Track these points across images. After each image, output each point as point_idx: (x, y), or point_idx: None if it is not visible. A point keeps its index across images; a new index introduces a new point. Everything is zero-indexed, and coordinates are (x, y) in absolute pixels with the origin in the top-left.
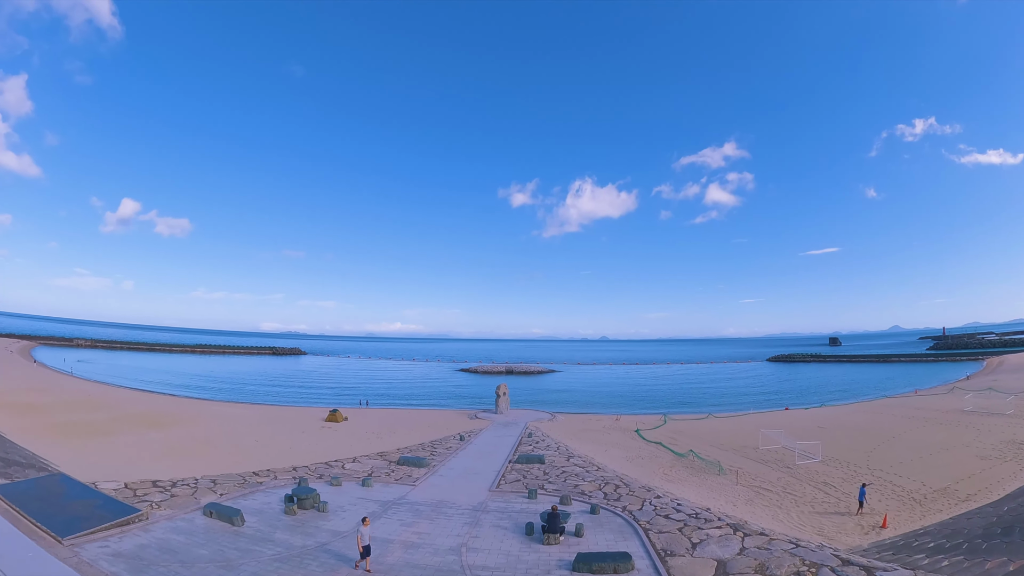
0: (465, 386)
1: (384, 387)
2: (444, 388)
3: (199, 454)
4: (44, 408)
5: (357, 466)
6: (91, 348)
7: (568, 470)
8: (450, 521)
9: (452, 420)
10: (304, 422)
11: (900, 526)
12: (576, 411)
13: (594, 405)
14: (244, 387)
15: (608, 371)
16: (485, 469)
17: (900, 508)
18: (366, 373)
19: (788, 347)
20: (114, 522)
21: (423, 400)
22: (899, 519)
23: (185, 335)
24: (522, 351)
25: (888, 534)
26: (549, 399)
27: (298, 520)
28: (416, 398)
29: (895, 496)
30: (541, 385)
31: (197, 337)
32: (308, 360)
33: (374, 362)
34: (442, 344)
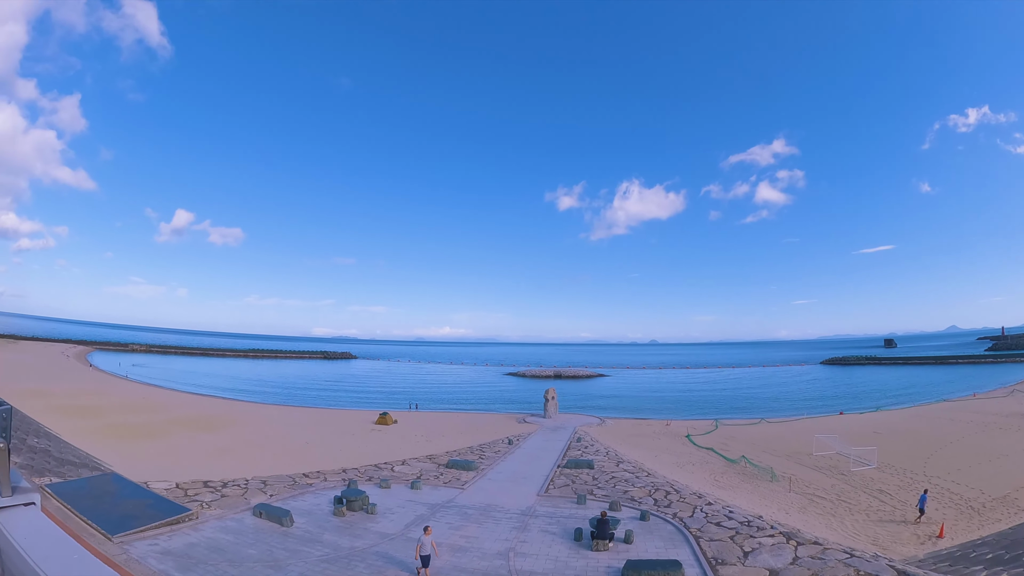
0: (513, 390)
1: (433, 391)
2: (492, 392)
3: (250, 455)
4: (99, 410)
5: (406, 469)
6: (146, 353)
7: (617, 475)
8: (498, 525)
9: (500, 424)
10: (354, 425)
11: (957, 536)
12: (625, 416)
13: (644, 410)
14: (295, 390)
15: (658, 375)
16: (534, 473)
17: (957, 517)
18: (415, 377)
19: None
20: (164, 521)
21: (471, 404)
22: (956, 528)
23: (238, 340)
24: (570, 355)
25: (945, 544)
26: (598, 403)
27: (347, 522)
28: (465, 402)
29: (952, 504)
30: (590, 389)
31: (250, 342)
32: (359, 364)
33: (423, 366)
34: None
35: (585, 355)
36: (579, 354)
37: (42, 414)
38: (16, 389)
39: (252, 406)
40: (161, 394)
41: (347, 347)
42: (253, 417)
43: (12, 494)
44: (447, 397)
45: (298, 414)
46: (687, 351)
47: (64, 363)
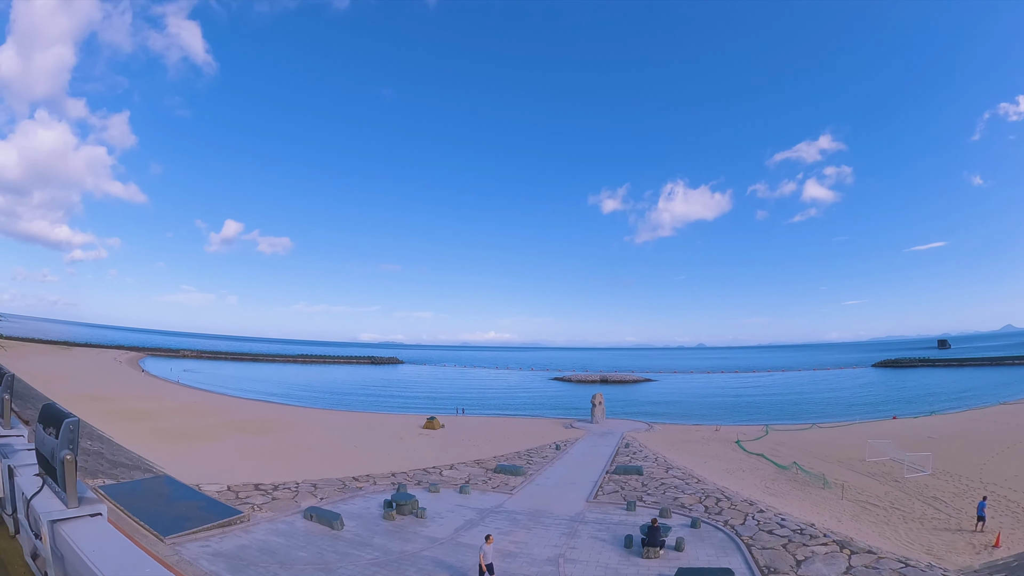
0: (559, 395)
1: (479, 395)
2: (538, 397)
3: (300, 459)
4: (151, 414)
5: (454, 473)
6: (196, 359)
7: (667, 482)
8: (547, 531)
9: (547, 429)
10: (402, 429)
11: (1014, 545)
12: (674, 421)
13: (692, 415)
14: (343, 395)
15: (706, 379)
16: (582, 479)
17: (1015, 526)
18: (461, 381)
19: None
20: (216, 523)
21: (518, 409)
22: (1013, 538)
23: (287, 346)
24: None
25: (1001, 554)
26: (645, 409)
27: (396, 526)
28: (511, 407)
29: (1010, 512)
30: (637, 394)
31: (298, 348)
32: (405, 369)
33: (469, 371)
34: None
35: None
36: (625, 358)
37: (96, 417)
38: (71, 394)
39: (301, 410)
40: (212, 398)
41: (393, 352)
42: (302, 421)
43: (79, 505)
44: (493, 402)
45: (346, 418)
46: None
47: (117, 369)
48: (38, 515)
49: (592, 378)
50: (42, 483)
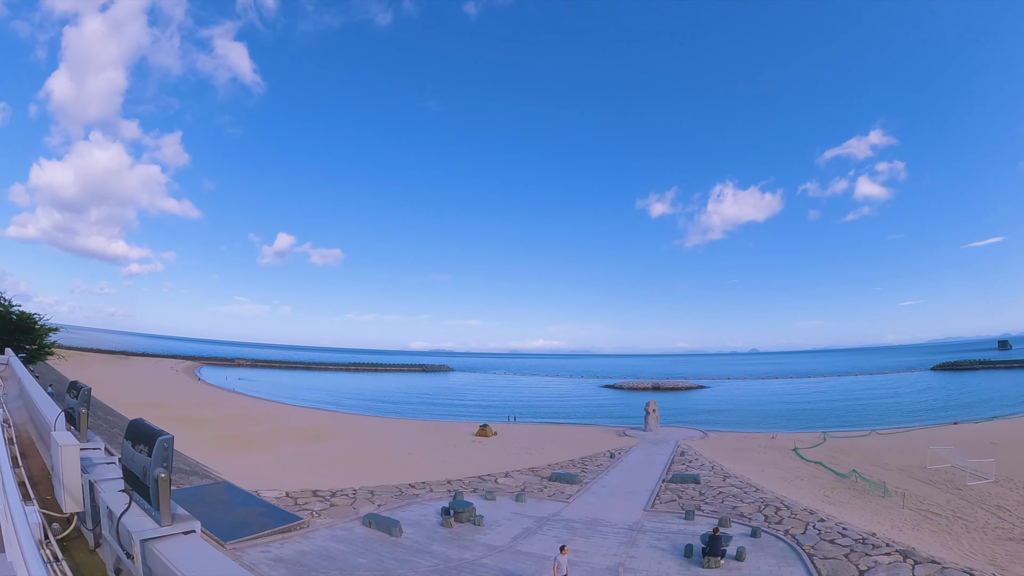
0: (611, 403)
1: (530, 403)
2: (590, 404)
3: (356, 466)
4: (208, 421)
5: (510, 481)
6: (251, 367)
7: (725, 491)
8: (605, 540)
9: (600, 437)
10: (455, 436)
11: None
12: (729, 429)
13: (747, 422)
14: (396, 403)
15: (760, 385)
16: (638, 488)
17: None
18: (512, 389)
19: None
20: (276, 529)
21: (569, 416)
22: None
23: (339, 354)
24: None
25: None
26: (699, 416)
27: (454, 533)
28: (562, 414)
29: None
30: (690, 402)
31: (351, 356)
32: (455, 376)
33: (519, 378)
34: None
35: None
36: (677, 365)
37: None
38: (130, 401)
39: (355, 417)
40: (267, 406)
41: (444, 360)
42: (357, 428)
43: (172, 522)
44: (544, 410)
45: (400, 425)
46: (790, 359)
47: (174, 377)
48: (129, 533)
49: (644, 385)
50: (129, 500)
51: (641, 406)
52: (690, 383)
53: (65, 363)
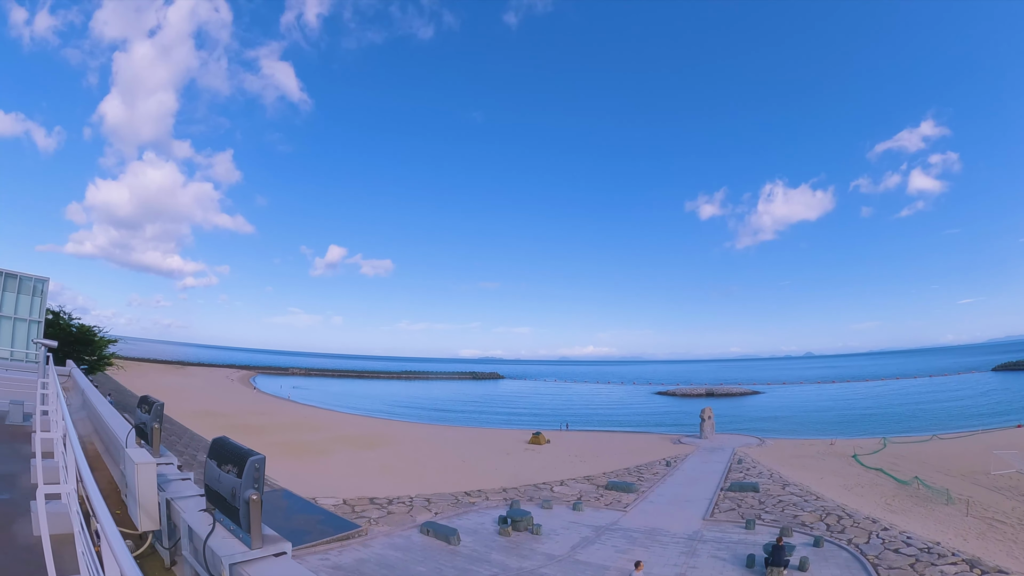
0: (664, 410)
1: (581, 410)
2: (642, 411)
3: (410, 473)
4: (264, 429)
5: (565, 489)
6: (305, 376)
7: (785, 499)
8: (665, 550)
9: (655, 445)
10: (508, 444)
11: None
12: (785, 436)
13: (804, 429)
14: (447, 410)
15: (817, 390)
16: (696, 496)
17: None
18: (563, 396)
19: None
20: (335, 536)
21: (622, 424)
22: None
23: (390, 363)
24: (721, 371)
25: None
26: (754, 423)
27: (512, 542)
28: (615, 422)
29: None
30: (745, 408)
31: (402, 364)
32: (506, 384)
33: (569, 385)
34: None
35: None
36: (730, 370)
37: (211, 432)
38: (187, 410)
39: (408, 425)
40: (321, 414)
41: (493, 367)
42: (410, 436)
43: (263, 544)
44: (597, 417)
45: (452, 433)
46: (846, 363)
47: (229, 386)
48: (218, 556)
49: (697, 392)
50: (213, 520)
51: (695, 413)
52: (744, 389)
53: (124, 373)
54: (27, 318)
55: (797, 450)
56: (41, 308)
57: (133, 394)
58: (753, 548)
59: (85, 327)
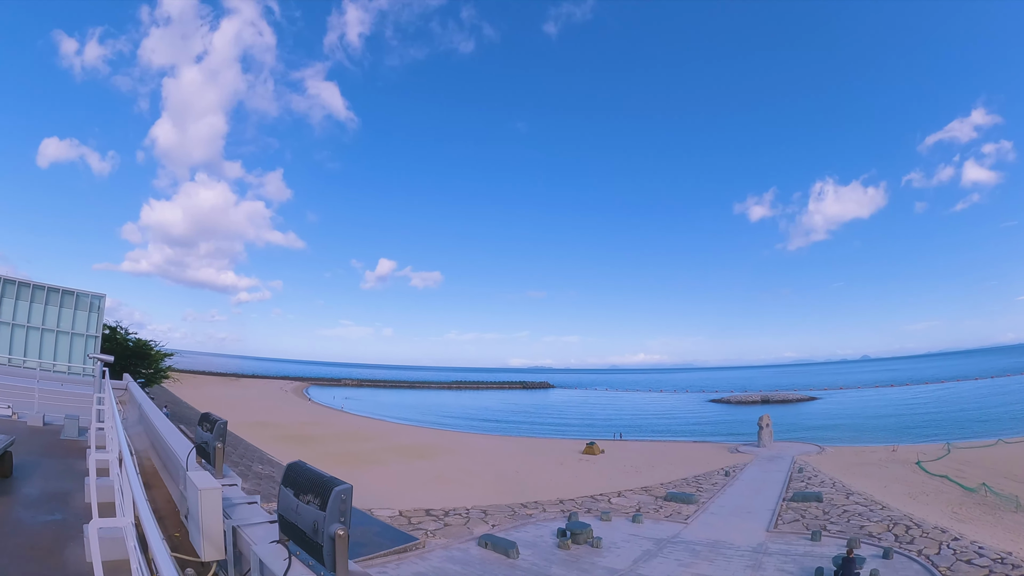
0: (719, 418)
1: (634, 419)
2: (697, 420)
3: (465, 483)
4: (317, 439)
5: (623, 501)
6: (357, 387)
7: (849, 509)
8: (730, 563)
9: (711, 454)
10: (561, 454)
11: None
12: (845, 443)
13: (864, 435)
14: (498, 420)
15: (875, 395)
16: (758, 507)
17: None
18: (614, 405)
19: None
20: (391, 549)
21: (676, 432)
22: None
23: (441, 373)
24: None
25: None
26: (812, 430)
27: (572, 555)
28: (669, 431)
29: None
30: (801, 414)
31: (452, 374)
32: (556, 393)
33: (621, 394)
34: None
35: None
36: (784, 376)
37: (267, 443)
38: (243, 421)
39: (460, 435)
40: (373, 424)
41: (542, 376)
42: (462, 445)
43: None
44: (650, 426)
45: (504, 443)
46: (903, 365)
47: (283, 397)
48: None
49: (752, 398)
50: (288, 555)
51: (750, 420)
52: (800, 395)
53: (179, 385)
54: (84, 333)
55: (858, 457)
56: (98, 323)
57: (189, 406)
58: (820, 560)
59: (142, 341)
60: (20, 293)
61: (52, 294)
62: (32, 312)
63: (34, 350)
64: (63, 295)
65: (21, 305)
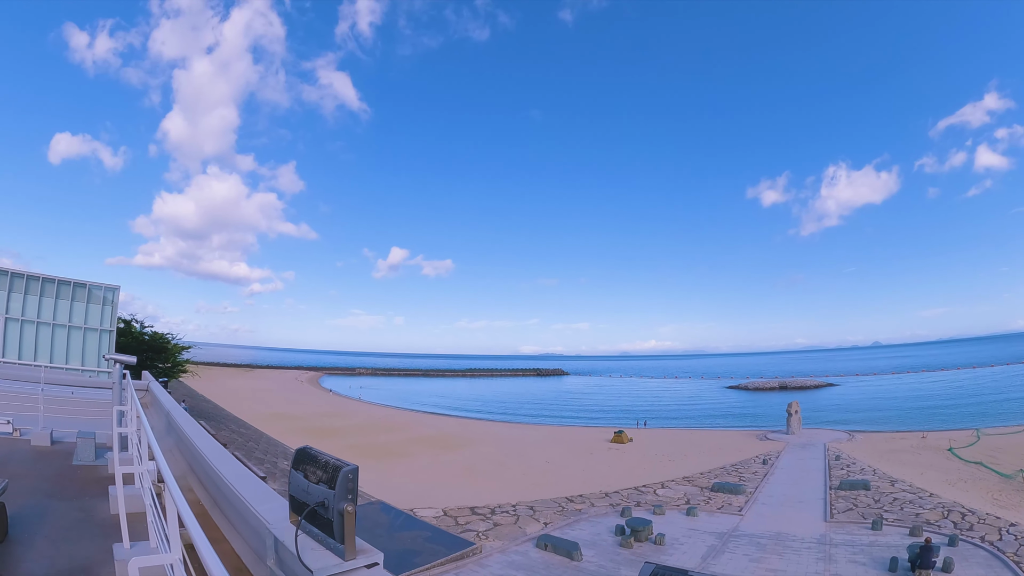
0: (739, 404)
1: (653, 406)
2: (717, 407)
3: (497, 476)
4: (339, 431)
5: (669, 492)
6: (371, 376)
7: (899, 497)
8: (800, 556)
9: (740, 441)
10: (588, 443)
11: None
12: (869, 428)
13: (888, 421)
14: (516, 408)
15: (892, 381)
16: (807, 496)
17: None
18: (631, 392)
19: None
20: (448, 557)
21: (699, 420)
22: None
23: (452, 361)
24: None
25: None
26: (834, 416)
27: (636, 554)
28: (691, 418)
29: None
30: (821, 400)
31: (463, 362)
32: (571, 380)
33: (636, 381)
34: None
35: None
36: (796, 362)
37: (287, 436)
38: (260, 413)
39: (481, 424)
40: (394, 414)
41: (554, 363)
42: (486, 435)
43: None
44: (670, 413)
45: (527, 431)
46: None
47: (299, 388)
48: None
49: (770, 385)
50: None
51: (770, 407)
52: (818, 381)
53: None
54: (97, 328)
55: (889, 444)
56: (112, 317)
57: (205, 399)
58: (887, 550)
59: (159, 334)
60: (28, 287)
61: (63, 287)
62: (42, 307)
63: (45, 348)
64: (74, 288)
65: (30, 300)
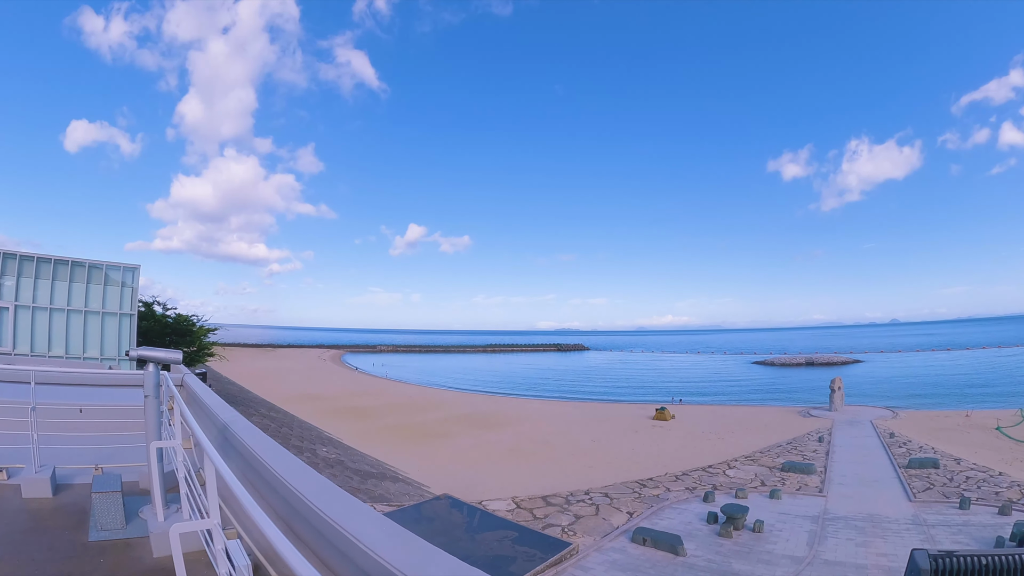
0: (769, 380)
1: (683, 382)
2: (748, 383)
3: (549, 458)
4: (372, 411)
5: (739, 473)
6: (392, 353)
7: (970, 475)
8: (902, 539)
9: (784, 418)
10: (630, 419)
11: None
12: (912, 407)
13: (925, 398)
14: (543, 384)
15: (918, 359)
16: (878, 475)
17: None
18: (656, 367)
19: None
20: (548, 561)
21: (733, 396)
22: None
23: (469, 336)
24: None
25: None
26: (868, 391)
27: (739, 544)
28: (724, 394)
29: None
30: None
31: (481, 338)
32: (592, 356)
33: (658, 355)
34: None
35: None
36: (816, 338)
37: (320, 418)
38: (287, 394)
39: (516, 401)
40: (425, 392)
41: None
42: (523, 412)
43: None
44: (703, 389)
45: (564, 408)
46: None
47: (323, 366)
48: None
49: (796, 361)
50: None
51: (800, 382)
52: (844, 358)
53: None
54: (116, 312)
55: (934, 422)
56: (132, 300)
57: (230, 381)
58: (983, 529)
59: (183, 316)
60: (40, 271)
61: (77, 269)
62: (55, 291)
63: (59, 337)
64: (90, 270)
65: (41, 285)
